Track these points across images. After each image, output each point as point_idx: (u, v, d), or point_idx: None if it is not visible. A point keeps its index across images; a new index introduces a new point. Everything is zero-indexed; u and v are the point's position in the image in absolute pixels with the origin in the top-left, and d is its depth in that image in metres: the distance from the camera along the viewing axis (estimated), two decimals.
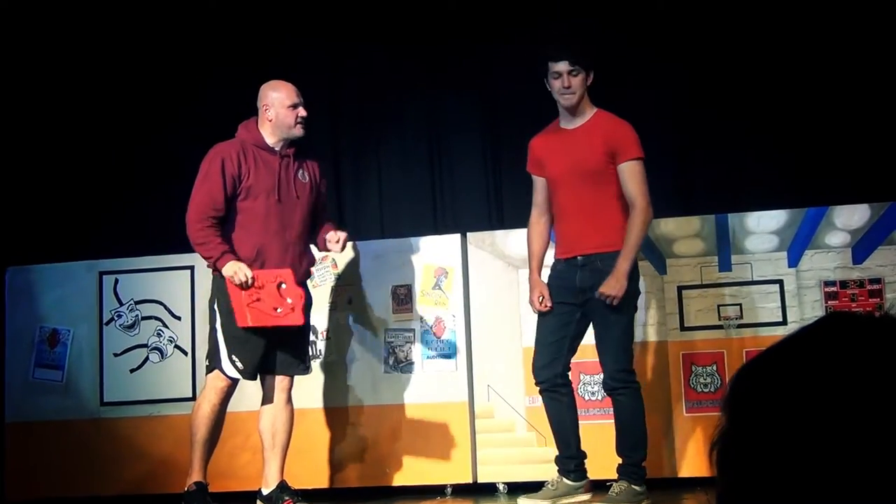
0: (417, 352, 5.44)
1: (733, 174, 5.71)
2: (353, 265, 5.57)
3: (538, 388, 4.51)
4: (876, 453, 0.88)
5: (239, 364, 4.49)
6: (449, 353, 5.42)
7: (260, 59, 6.18)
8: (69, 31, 6.19)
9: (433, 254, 5.50)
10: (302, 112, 4.53)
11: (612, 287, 4.21)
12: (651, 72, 5.84)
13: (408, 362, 5.45)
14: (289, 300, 4.48)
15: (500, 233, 5.53)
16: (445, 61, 6.06)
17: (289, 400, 4.60)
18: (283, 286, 4.48)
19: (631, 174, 4.25)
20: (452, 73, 6.04)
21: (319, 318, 5.49)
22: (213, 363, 4.54)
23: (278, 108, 4.52)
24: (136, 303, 5.63)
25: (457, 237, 5.53)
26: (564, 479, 4.41)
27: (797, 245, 5.24)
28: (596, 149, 4.27)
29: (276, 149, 4.54)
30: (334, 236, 4.65)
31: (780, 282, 5.23)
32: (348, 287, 5.54)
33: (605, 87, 5.79)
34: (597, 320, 4.35)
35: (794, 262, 5.24)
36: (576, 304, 4.39)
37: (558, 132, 4.46)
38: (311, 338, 5.34)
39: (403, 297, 5.48)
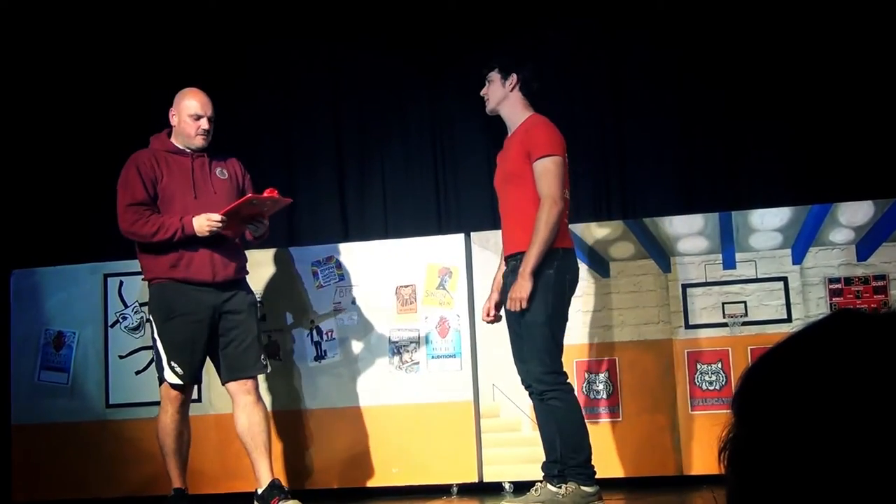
0: (422, 351, 5.46)
1: (737, 172, 5.74)
2: (357, 265, 5.59)
3: (527, 392, 4.45)
4: (888, 453, 0.87)
5: (178, 370, 4.56)
6: (453, 352, 5.44)
7: (262, 61, 6.22)
8: (71, 33, 6.22)
9: (437, 254, 5.52)
10: (204, 125, 4.61)
11: (514, 290, 4.17)
12: (653, 70, 5.86)
13: (412, 362, 5.47)
14: (265, 194, 4.51)
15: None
16: (448, 62, 6.08)
17: (258, 399, 4.64)
18: (254, 202, 4.51)
19: (540, 173, 4.21)
20: (455, 73, 6.05)
21: (324, 318, 5.55)
22: (159, 374, 4.64)
23: (182, 116, 4.62)
24: (141, 305, 5.63)
25: (461, 237, 5.55)
26: (548, 485, 4.36)
27: (801, 242, 5.25)
28: (515, 152, 4.29)
29: (188, 151, 4.64)
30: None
31: (785, 279, 5.25)
32: (353, 287, 5.56)
33: (607, 86, 5.85)
34: (519, 322, 4.28)
35: (798, 259, 5.25)
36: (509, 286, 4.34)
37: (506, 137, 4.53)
38: (317, 338, 5.50)
39: (408, 297, 5.49)
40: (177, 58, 6.09)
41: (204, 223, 4.42)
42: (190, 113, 4.62)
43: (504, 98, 4.40)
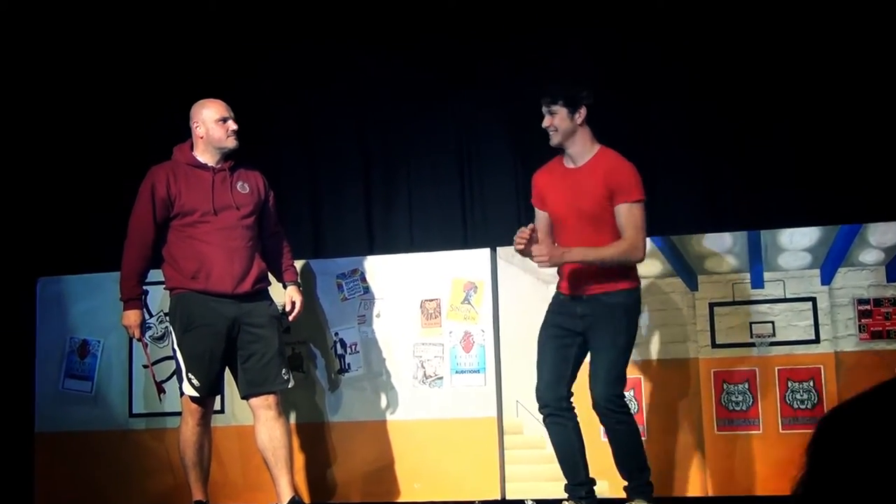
0: (446, 366, 5.47)
1: (766, 190, 5.68)
2: (382, 279, 5.60)
3: (542, 414, 4.52)
4: None
5: (195, 381, 4.64)
6: (478, 367, 5.45)
7: (284, 69, 6.21)
8: (88, 39, 6.25)
9: (463, 268, 5.53)
10: (232, 125, 4.72)
11: (550, 251, 4.23)
12: (681, 85, 5.83)
13: (436, 377, 5.48)
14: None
15: None
16: (476, 73, 6.07)
17: (279, 414, 4.71)
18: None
19: (627, 216, 4.28)
20: (483, 84, 6.06)
21: (347, 332, 5.59)
22: (179, 385, 4.73)
23: (209, 125, 4.71)
24: (166, 314, 5.58)
25: (486, 251, 5.54)
26: None
27: (830, 262, 5.21)
28: (596, 191, 4.31)
29: (210, 164, 4.72)
30: (290, 301, 4.86)
31: (813, 299, 5.21)
32: (377, 300, 5.59)
33: (632, 102, 5.82)
34: (594, 343, 4.38)
35: (827, 279, 5.21)
36: (575, 332, 4.44)
37: (562, 171, 4.49)
38: (341, 350, 5.54)
39: (432, 312, 5.51)
40: (197, 66, 6.11)
41: (126, 324, 4.74)
42: (216, 118, 4.72)
43: (573, 132, 4.39)
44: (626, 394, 4.48)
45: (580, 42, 5.73)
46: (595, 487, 4.55)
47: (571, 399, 4.50)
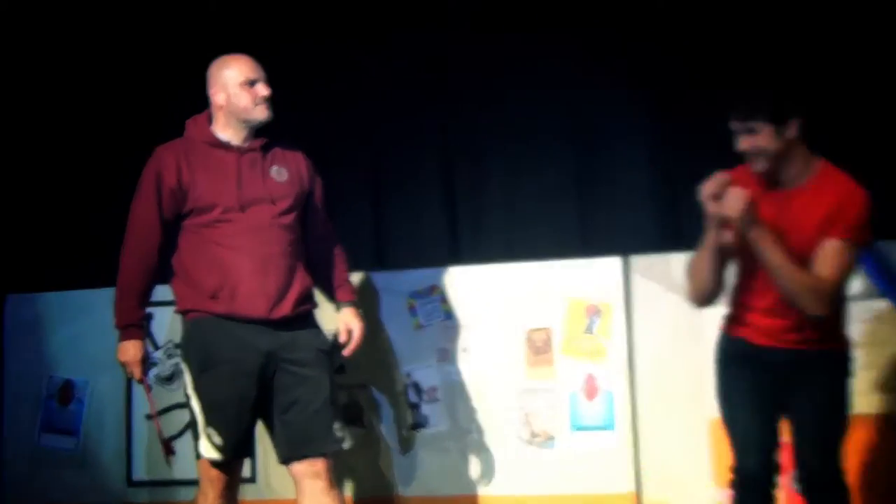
0: (562, 421, 4.91)
1: None
2: (470, 299, 5.06)
3: (735, 490, 3.93)
4: None
5: (216, 439, 4.13)
6: (605, 423, 4.89)
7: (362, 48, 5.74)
8: (76, 47, 6.06)
9: (582, 285, 4.97)
10: (262, 90, 4.26)
11: (743, 196, 3.72)
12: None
13: (548, 436, 4.94)
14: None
15: (675, 256, 4.76)
16: (600, 36, 5.49)
17: (331, 486, 4.21)
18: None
19: (834, 254, 3.76)
20: (607, 48, 5.43)
21: (423, 372, 5.09)
22: (195, 444, 4.27)
23: (230, 89, 4.24)
24: (177, 346, 5.00)
25: (616, 261, 4.95)
26: None
27: None
28: (817, 221, 3.85)
29: (234, 143, 4.27)
30: (345, 329, 4.40)
31: None
32: (464, 329, 5.05)
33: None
34: (808, 404, 3.90)
35: None
36: (777, 382, 3.93)
37: (767, 186, 4.00)
38: (415, 398, 5.13)
39: (541, 345, 4.99)
40: (196, 67, 5.56)
41: (123, 359, 4.19)
42: (240, 80, 4.21)
43: (785, 153, 3.85)
44: None
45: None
46: None
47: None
